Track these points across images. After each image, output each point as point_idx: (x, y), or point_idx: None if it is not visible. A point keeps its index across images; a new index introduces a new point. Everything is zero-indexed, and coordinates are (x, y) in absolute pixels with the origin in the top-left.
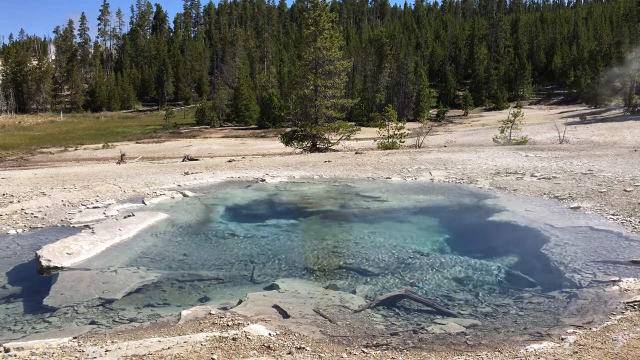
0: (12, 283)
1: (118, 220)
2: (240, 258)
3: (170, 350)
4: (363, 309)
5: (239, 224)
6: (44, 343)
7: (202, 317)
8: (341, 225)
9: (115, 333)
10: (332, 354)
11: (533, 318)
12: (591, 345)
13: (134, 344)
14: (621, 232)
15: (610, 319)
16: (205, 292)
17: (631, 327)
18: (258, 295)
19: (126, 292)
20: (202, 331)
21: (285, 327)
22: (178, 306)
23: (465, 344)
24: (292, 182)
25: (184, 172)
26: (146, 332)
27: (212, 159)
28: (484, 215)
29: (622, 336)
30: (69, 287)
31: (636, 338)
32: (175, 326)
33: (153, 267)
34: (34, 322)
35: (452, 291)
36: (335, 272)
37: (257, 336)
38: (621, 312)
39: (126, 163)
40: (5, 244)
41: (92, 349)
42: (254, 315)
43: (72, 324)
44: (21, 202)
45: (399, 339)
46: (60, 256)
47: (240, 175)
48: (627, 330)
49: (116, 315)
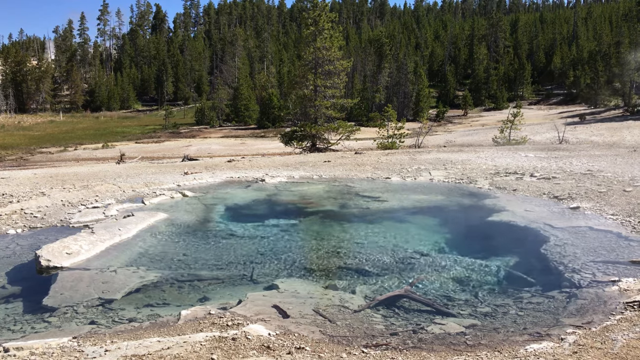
0: (12, 283)
1: (117, 220)
2: (240, 258)
3: (170, 350)
4: (363, 309)
5: (238, 224)
6: (43, 343)
7: (201, 317)
8: (341, 225)
9: (114, 333)
10: (331, 354)
11: (533, 318)
12: (591, 345)
13: (134, 344)
14: (621, 232)
15: (609, 319)
16: (204, 292)
17: (630, 327)
18: (258, 295)
19: (126, 292)
20: (201, 331)
21: (285, 327)
22: (178, 306)
23: (465, 344)
24: (291, 182)
25: (183, 172)
26: (146, 332)
27: (212, 158)
28: (483, 216)
29: (621, 336)
30: (69, 286)
31: (636, 338)
32: (174, 326)
33: (153, 267)
34: (33, 322)
35: (452, 291)
36: (335, 272)
37: (257, 336)
38: (620, 312)
39: (126, 163)
40: (4, 244)
41: (91, 349)
42: (253, 315)
43: (71, 324)
44: (20, 202)
45: (399, 338)
46: (60, 256)
47: (240, 176)
48: (626, 330)
49: (116, 315)
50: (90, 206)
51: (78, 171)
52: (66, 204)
